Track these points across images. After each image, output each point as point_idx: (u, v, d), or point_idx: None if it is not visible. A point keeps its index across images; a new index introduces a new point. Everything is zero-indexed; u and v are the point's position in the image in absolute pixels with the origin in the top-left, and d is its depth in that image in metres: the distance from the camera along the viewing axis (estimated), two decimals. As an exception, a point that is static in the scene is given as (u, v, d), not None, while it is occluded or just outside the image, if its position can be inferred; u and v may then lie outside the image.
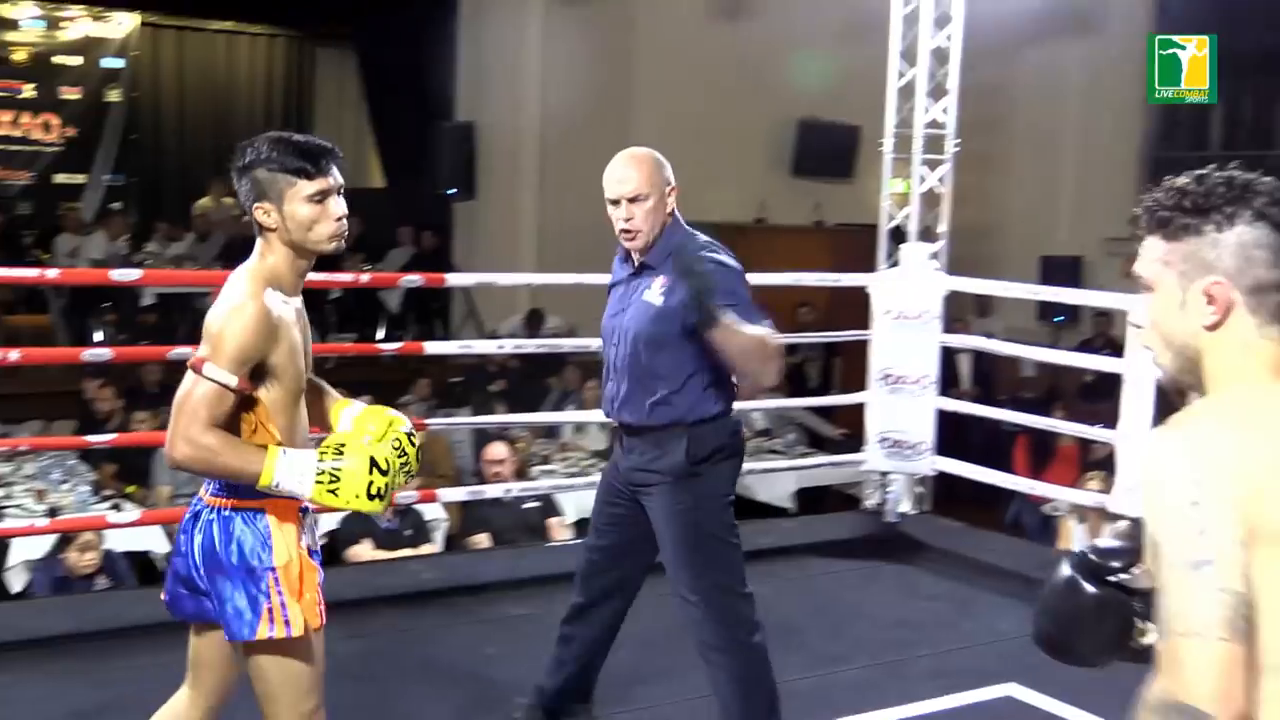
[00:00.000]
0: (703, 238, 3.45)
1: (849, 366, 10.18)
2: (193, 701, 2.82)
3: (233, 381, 2.48)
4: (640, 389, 3.38)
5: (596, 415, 8.03)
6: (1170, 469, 1.51)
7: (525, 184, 12.70)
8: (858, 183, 12.61)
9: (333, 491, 2.51)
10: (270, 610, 2.54)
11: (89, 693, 3.98)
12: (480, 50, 12.92)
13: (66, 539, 5.62)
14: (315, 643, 2.64)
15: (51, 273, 4.95)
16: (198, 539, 2.59)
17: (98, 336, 11.17)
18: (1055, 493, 6.85)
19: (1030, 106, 13.77)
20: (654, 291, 3.35)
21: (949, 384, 10.99)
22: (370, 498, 2.53)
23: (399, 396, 9.05)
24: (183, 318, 11.15)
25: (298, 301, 2.66)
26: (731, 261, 3.40)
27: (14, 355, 4.50)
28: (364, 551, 6.11)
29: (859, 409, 6.28)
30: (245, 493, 2.55)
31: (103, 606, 5.00)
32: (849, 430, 8.56)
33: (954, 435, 7.14)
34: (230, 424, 2.52)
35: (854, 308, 6.49)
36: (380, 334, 12.09)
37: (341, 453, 2.53)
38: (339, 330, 11.92)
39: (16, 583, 6.18)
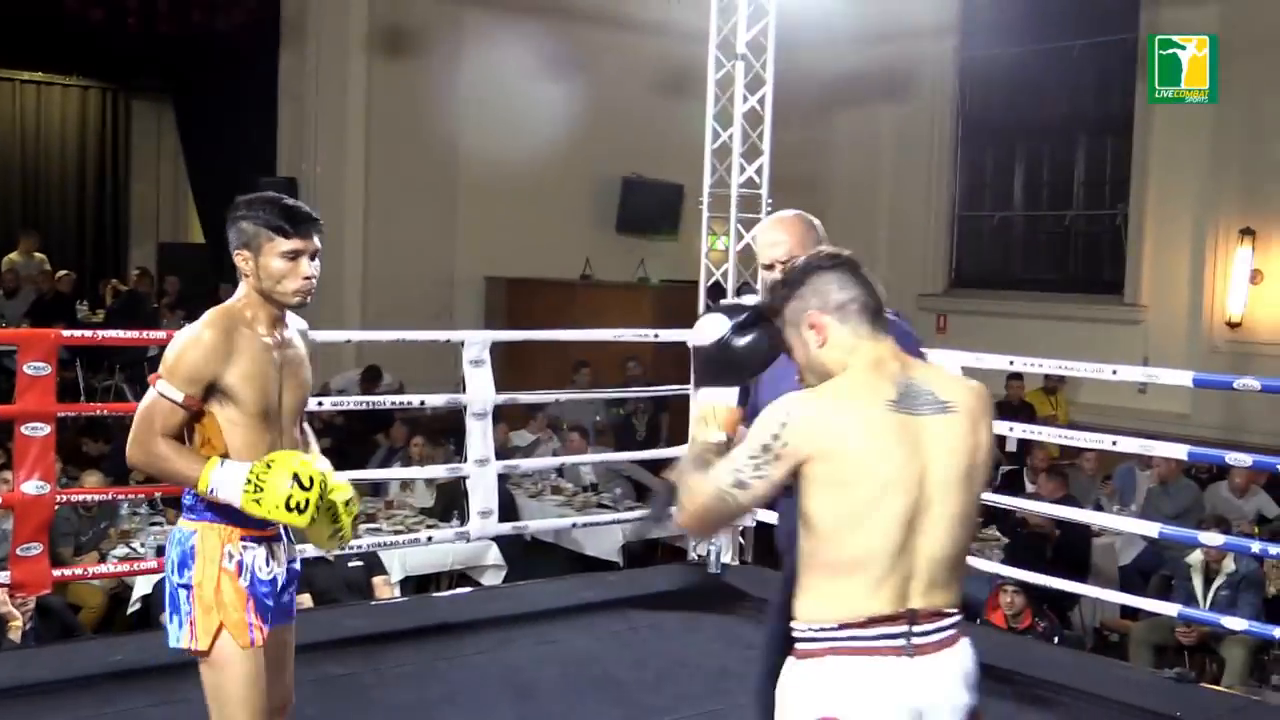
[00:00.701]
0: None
1: (676, 421, 10.33)
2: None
3: (179, 397, 2.77)
4: None
5: (423, 472, 8.02)
6: (768, 414, 2.20)
7: (350, 239, 12.59)
8: (682, 239, 12.85)
9: (256, 501, 2.73)
10: (192, 623, 2.80)
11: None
12: (302, 104, 12.82)
13: None
14: (246, 662, 2.80)
15: None
16: (167, 551, 2.92)
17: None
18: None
19: (845, 166, 14.31)
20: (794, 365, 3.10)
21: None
22: (289, 509, 2.73)
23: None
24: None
25: (289, 336, 2.95)
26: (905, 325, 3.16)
27: None
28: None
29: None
30: (190, 512, 2.84)
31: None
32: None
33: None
34: (184, 435, 2.82)
35: (680, 362, 6.62)
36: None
37: (270, 466, 2.76)
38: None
39: None
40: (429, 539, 6.37)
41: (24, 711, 4.30)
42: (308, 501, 2.75)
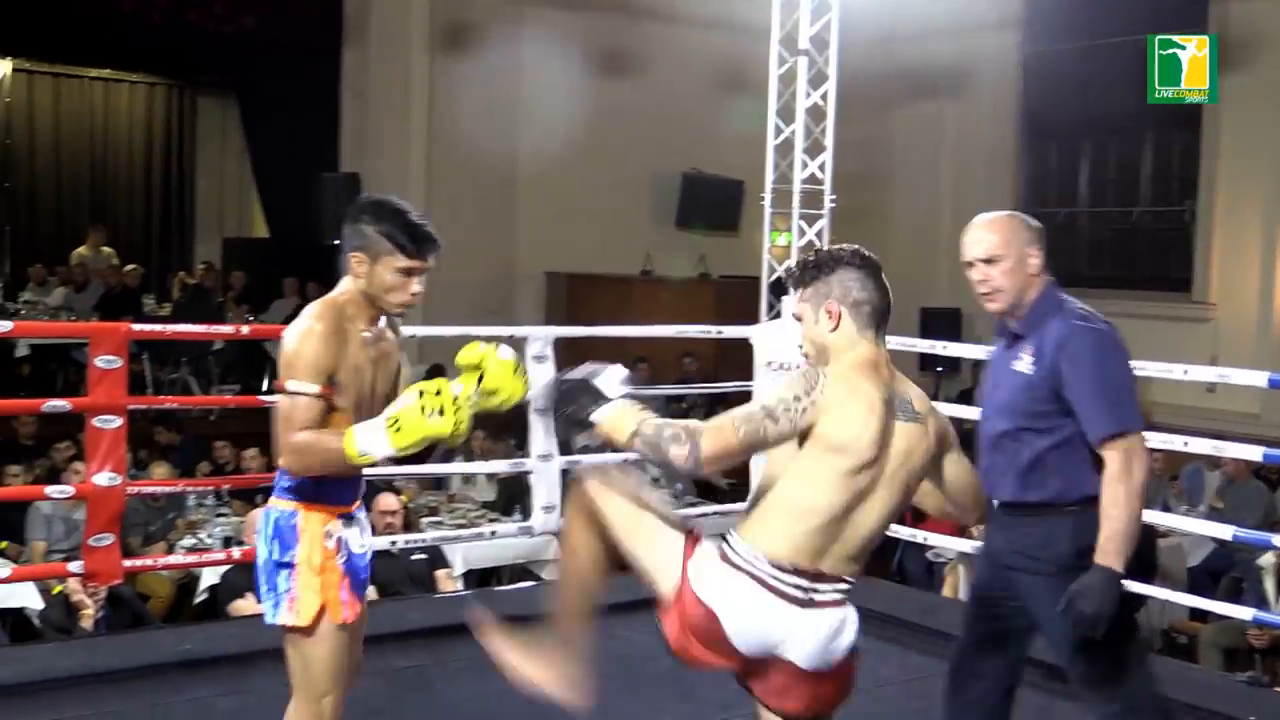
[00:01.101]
0: (1078, 305, 3.15)
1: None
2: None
3: (314, 389, 2.82)
4: (1008, 463, 3.14)
5: (486, 467, 8.06)
6: (802, 374, 2.61)
7: (411, 235, 12.65)
8: (743, 235, 12.83)
9: (399, 430, 2.74)
10: (291, 600, 2.88)
11: (-42, 755, 3.87)
12: (365, 100, 12.91)
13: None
14: (337, 636, 2.91)
15: (-91, 323, 4.79)
16: (260, 532, 2.97)
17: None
18: (938, 540, 7.00)
19: (907, 162, 14.20)
20: (1024, 362, 3.12)
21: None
22: (430, 415, 2.74)
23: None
24: (60, 369, 10.91)
25: (383, 332, 3.03)
26: (1112, 347, 3.10)
27: (-118, 408, 4.39)
28: (246, 605, 6.01)
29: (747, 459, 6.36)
30: (287, 493, 2.91)
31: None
32: (736, 479, 8.66)
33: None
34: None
35: (738, 358, 6.61)
36: (265, 385, 11.93)
37: (395, 406, 2.79)
38: (222, 382, 11.73)
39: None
40: (492, 533, 6.39)
41: (95, 699, 4.36)
42: (443, 408, 2.76)
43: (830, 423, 2.54)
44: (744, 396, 6.51)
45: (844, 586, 2.62)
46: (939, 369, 12.69)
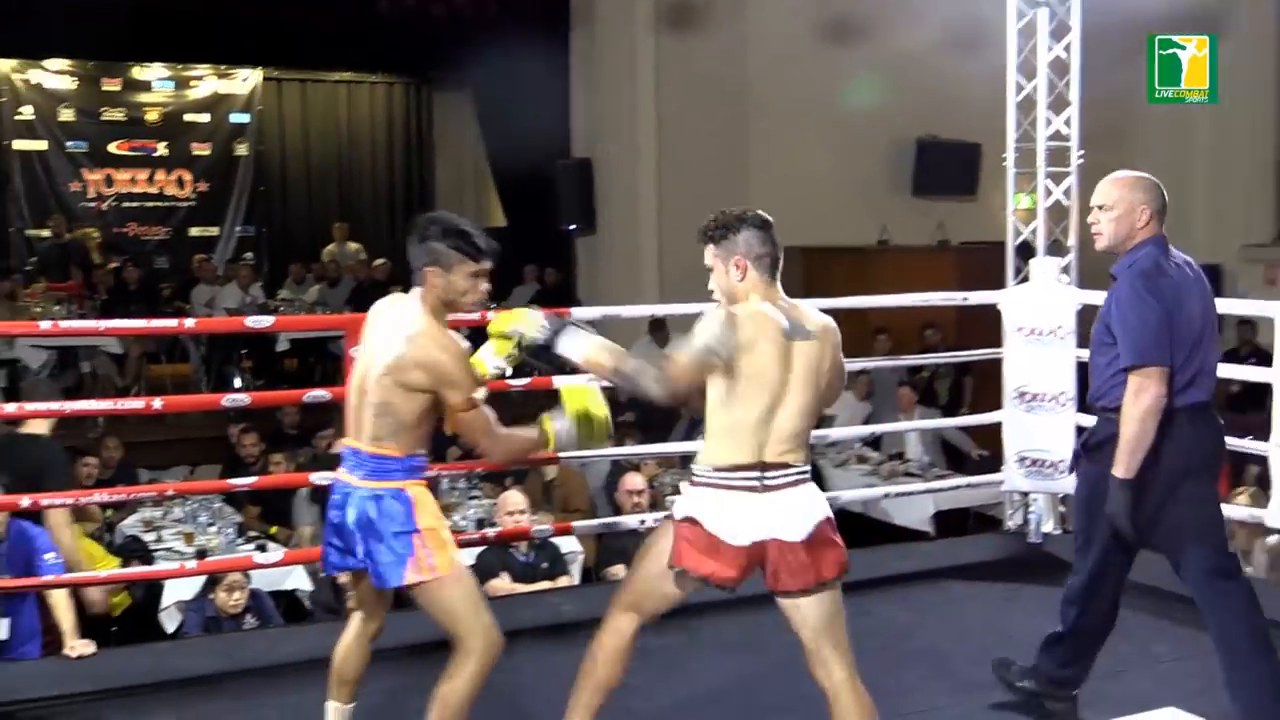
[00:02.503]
0: (1155, 259, 3.77)
1: (981, 384, 10.01)
2: (364, 625, 3.75)
3: (484, 393, 3.44)
4: (1096, 373, 3.91)
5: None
6: (717, 314, 3.29)
7: (645, 216, 12.75)
8: (981, 200, 12.44)
9: (589, 422, 3.57)
10: (417, 561, 3.35)
11: (241, 731, 4.05)
12: (595, 86, 13.03)
13: (214, 580, 5.76)
14: (468, 575, 3.49)
15: (189, 322, 5.09)
16: (351, 513, 3.40)
17: (237, 383, 11.48)
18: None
19: (1159, 114, 13.45)
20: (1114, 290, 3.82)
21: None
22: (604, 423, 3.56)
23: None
24: (318, 362, 11.42)
25: None
26: (1144, 294, 3.70)
27: (157, 403, 4.64)
28: (502, 585, 6.15)
29: (998, 427, 6.15)
30: (396, 473, 3.38)
31: (251, 645, 5.10)
32: (988, 450, 8.39)
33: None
34: (423, 418, 3.41)
35: (983, 326, 6.38)
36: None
37: (573, 403, 3.58)
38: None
39: (170, 623, 6.35)
40: (739, 510, 6.34)
41: (368, 675, 4.51)
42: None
43: (745, 358, 3.20)
44: (990, 365, 6.29)
45: (792, 471, 3.26)
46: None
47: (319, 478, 5.05)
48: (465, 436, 3.56)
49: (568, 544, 7.17)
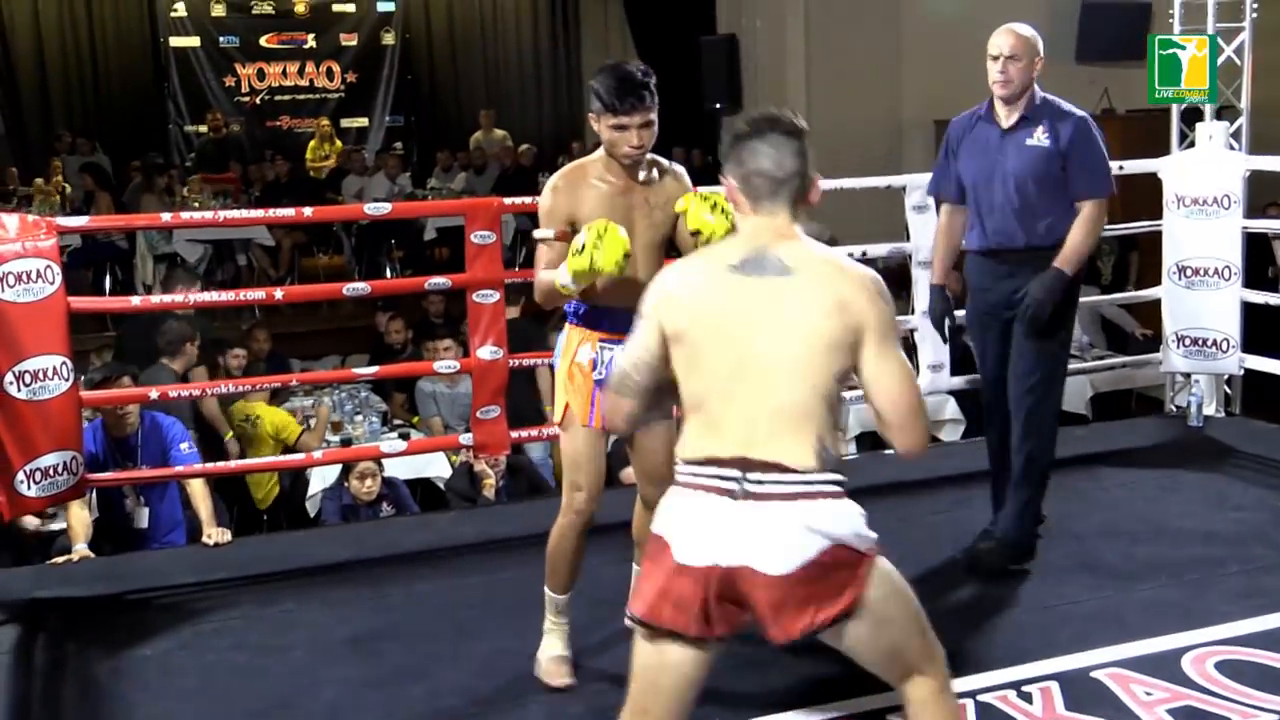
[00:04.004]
0: (1064, 101, 4.25)
1: (1147, 260, 9.51)
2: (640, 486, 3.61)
3: (551, 234, 3.34)
4: (1030, 217, 4.12)
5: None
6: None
7: (791, 92, 12.36)
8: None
9: (567, 265, 3.18)
10: (553, 400, 3.49)
11: (367, 618, 4.08)
12: (740, -42, 12.62)
13: (348, 468, 5.81)
14: (583, 435, 3.38)
15: (307, 211, 5.03)
16: None
17: (388, 273, 11.59)
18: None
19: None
20: (1037, 138, 4.11)
21: (1261, 274, 10.19)
22: (576, 254, 3.14)
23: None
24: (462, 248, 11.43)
25: (650, 179, 3.42)
26: (1095, 133, 4.20)
27: (279, 294, 4.70)
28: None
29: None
30: (569, 316, 3.42)
31: (382, 534, 5.14)
32: (1152, 330, 7.99)
33: (1268, 329, 6.49)
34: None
35: (1148, 198, 6.00)
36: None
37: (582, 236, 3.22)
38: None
39: (312, 510, 6.46)
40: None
41: (490, 565, 4.51)
42: (580, 246, 3.14)
43: (672, 314, 2.41)
44: (1154, 238, 5.92)
45: (790, 479, 2.28)
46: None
47: (442, 365, 5.02)
48: None
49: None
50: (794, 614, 2.29)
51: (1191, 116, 6.12)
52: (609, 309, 3.31)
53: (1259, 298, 5.72)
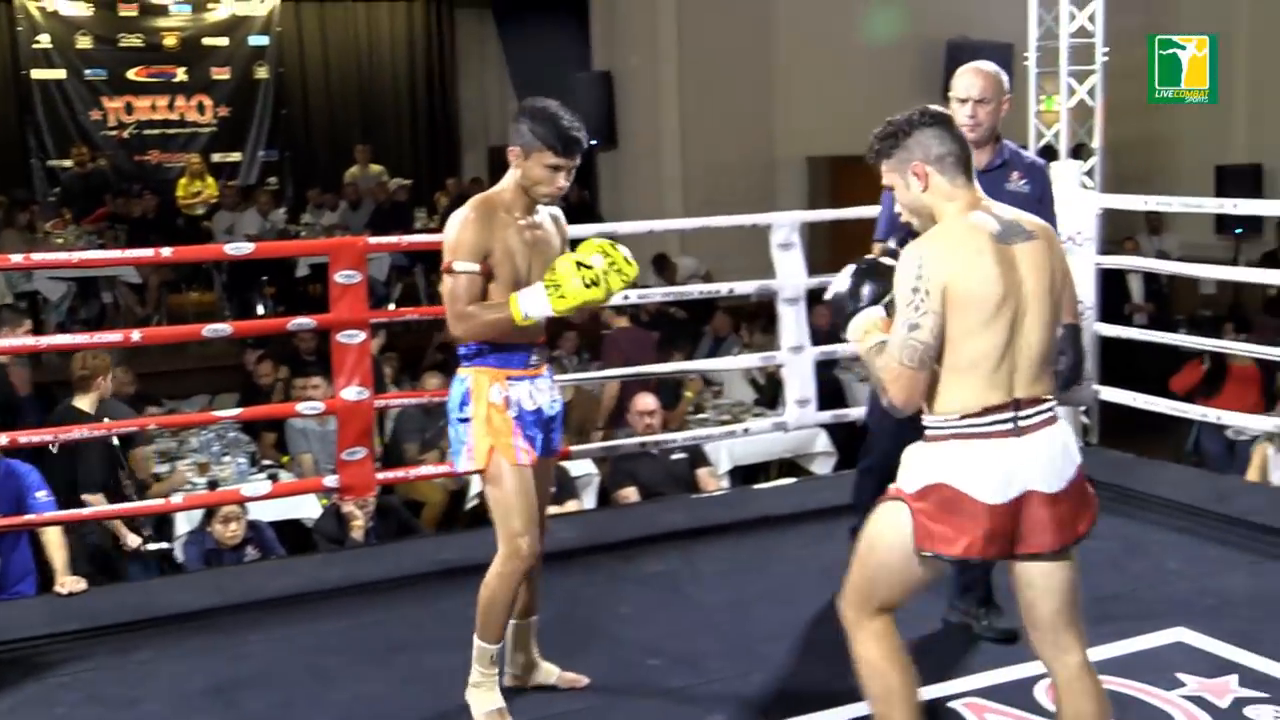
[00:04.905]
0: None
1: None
2: None
3: (475, 267, 3.28)
4: None
5: (735, 362, 7.86)
6: (903, 265, 2.67)
7: (666, 129, 12.50)
8: (1016, 102, 12.05)
9: (561, 296, 3.22)
10: (471, 448, 3.37)
11: (226, 666, 3.97)
12: (614, -4, 12.73)
13: (211, 512, 5.69)
14: (516, 476, 3.34)
15: (165, 251, 4.90)
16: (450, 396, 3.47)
17: (260, 310, 11.41)
18: (1235, 419, 6.44)
19: (1194, 8, 12.96)
20: (1016, 184, 3.98)
21: (1118, 308, 10.52)
22: (588, 286, 3.22)
23: (550, 350, 8.95)
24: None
25: (540, 220, 3.45)
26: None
27: (136, 335, 4.53)
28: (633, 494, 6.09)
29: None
30: (465, 360, 3.40)
31: (245, 578, 5.02)
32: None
33: (1126, 361, 6.68)
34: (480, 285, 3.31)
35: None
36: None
37: (555, 269, 3.27)
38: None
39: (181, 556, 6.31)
40: (745, 430, 6.20)
41: (355, 609, 4.44)
42: (601, 275, 3.22)
43: (954, 285, 2.64)
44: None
45: (1045, 406, 2.72)
46: (1237, 230, 11.68)
47: (305, 407, 4.95)
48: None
49: (581, 467, 7.06)
50: (1060, 527, 2.71)
51: (1047, 155, 6.31)
52: (514, 347, 3.40)
53: (1113, 331, 5.89)
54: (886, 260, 2.88)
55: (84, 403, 6.05)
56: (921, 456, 2.74)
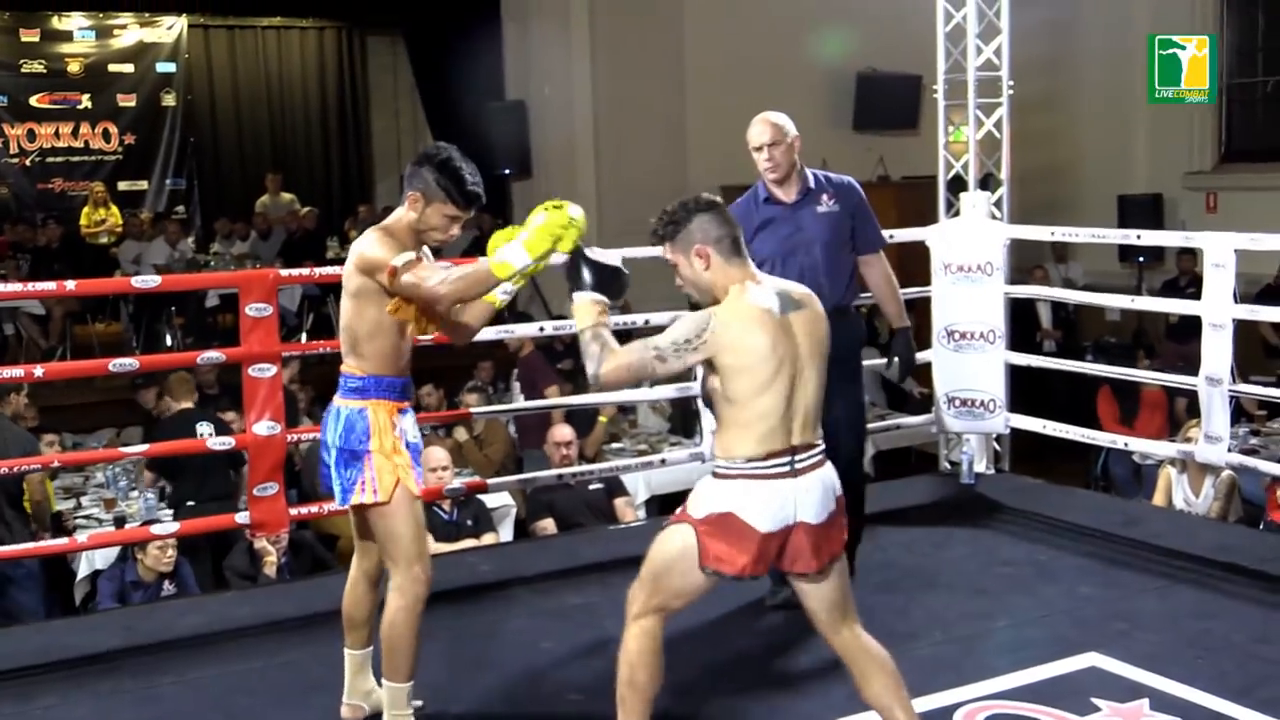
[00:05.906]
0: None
1: (921, 323, 9.88)
2: (360, 561, 3.71)
3: (412, 255, 3.36)
4: (835, 277, 4.49)
5: (650, 394, 7.83)
6: (695, 318, 3.06)
7: (580, 158, 12.51)
8: (923, 134, 12.25)
9: (531, 242, 3.22)
10: (364, 482, 3.39)
11: (135, 710, 3.89)
12: (526, 26, 12.74)
13: (129, 549, 5.57)
14: (415, 507, 3.44)
15: (70, 284, 4.79)
16: (328, 429, 3.46)
17: (168, 341, 11.20)
18: (1142, 445, 6.57)
19: (1097, 41, 13.28)
20: (826, 205, 4.54)
21: (1029, 336, 10.71)
22: (549, 210, 3.24)
23: (464, 381, 8.92)
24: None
25: (423, 255, 3.51)
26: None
27: (38, 371, 4.42)
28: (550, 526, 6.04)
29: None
30: (357, 393, 3.43)
31: (155, 618, 4.89)
32: (929, 390, 8.29)
33: (1036, 388, 6.77)
34: (380, 315, 3.41)
35: (920, 263, 6.24)
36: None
37: (527, 225, 3.26)
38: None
39: (79, 594, 6.16)
40: (662, 460, 6.19)
41: (270, 647, 4.36)
42: (550, 207, 3.25)
43: (733, 353, 3.02)
44: (925, 303, 6.14)
45: (816, 450, 3.13)
46: (1140, 259, 11.95)
47: (215, 442, 4.86)
48: (416, 305, 3.43)
49: (499, 499, 7.02)
50: (813, 553, 3.09)
51: (956, 186, 6.41)
52: (404, 379, 3.52)
53: (1022, 359, 5.98)
54: (621, 266, 3.21)
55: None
56: (712, 489, 3.11)
